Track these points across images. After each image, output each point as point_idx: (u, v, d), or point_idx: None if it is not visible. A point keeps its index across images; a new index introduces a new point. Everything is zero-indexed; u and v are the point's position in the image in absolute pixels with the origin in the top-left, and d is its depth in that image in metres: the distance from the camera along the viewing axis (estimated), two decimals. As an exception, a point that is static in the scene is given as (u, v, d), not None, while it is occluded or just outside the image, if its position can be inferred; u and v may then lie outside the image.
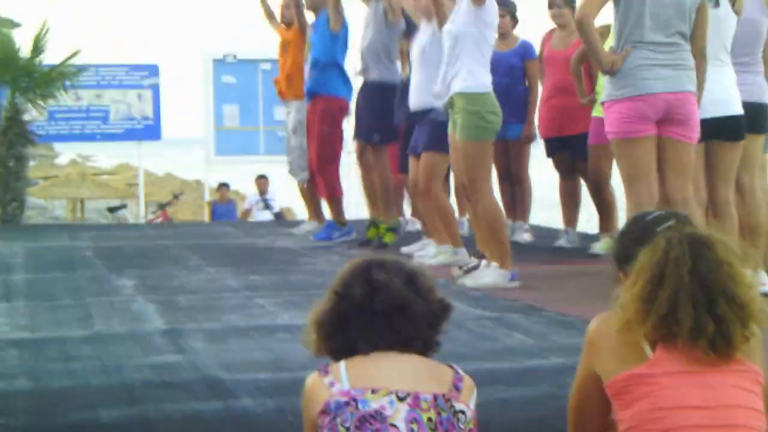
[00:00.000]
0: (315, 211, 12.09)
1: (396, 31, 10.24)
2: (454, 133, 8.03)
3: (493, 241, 7.97)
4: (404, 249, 9.75)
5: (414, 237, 10.51)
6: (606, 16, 8.31)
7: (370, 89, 10.38)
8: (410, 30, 9.66)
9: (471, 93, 7.92)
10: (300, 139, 11.79)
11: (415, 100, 9.11)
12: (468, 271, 8.11)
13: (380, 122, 10.22)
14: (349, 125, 11.06)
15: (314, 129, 11.09)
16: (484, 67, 7.99)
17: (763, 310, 2.98)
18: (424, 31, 9.04)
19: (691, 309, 2.92)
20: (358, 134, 10.59)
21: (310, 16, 11.40)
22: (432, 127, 8.81)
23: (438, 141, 8.61)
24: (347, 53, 11.18)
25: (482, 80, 7.96)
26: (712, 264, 2.96)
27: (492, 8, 7.99)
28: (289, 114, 12.02)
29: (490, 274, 7.89)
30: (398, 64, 10.47)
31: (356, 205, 13.29)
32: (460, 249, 9.06)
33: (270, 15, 12.24)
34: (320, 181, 11.26)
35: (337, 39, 11.01)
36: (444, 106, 8.18)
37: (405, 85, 9.42)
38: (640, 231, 3.39)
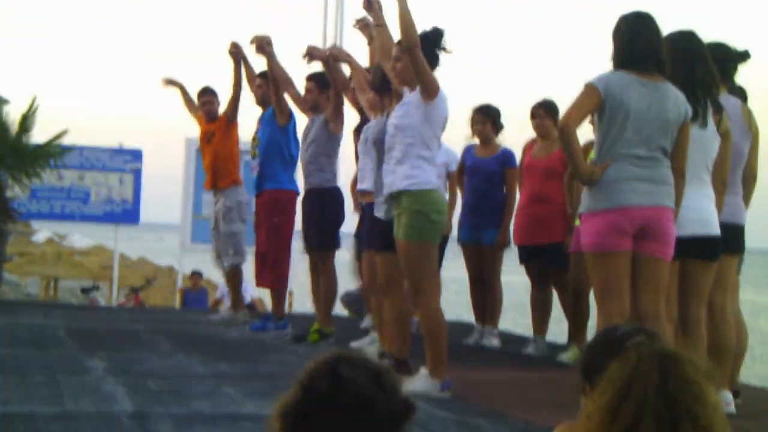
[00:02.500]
0: (236, 300, 12.30)
1: (337, 138, 10.40)
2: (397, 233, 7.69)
3: (431, 348, 7.63)
4: (353, 343, 9.77)
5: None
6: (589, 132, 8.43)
7: (314, 196, 10.45)
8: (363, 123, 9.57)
9: (417, 191, 7.50)
10: (230, 225, 12.03)
11: (364, 186, 8.97)
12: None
13: (324, 228, 10.35)
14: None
15: (264, 222, 11.16)
16: (431, 164, 7.60)
17: None
18: (375, 123, 8.74)
19: (653, 426, 2.94)
20: (306, 239, 10.66)
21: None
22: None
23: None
24: (296, 145, 11.21)
25: (428, 177, 7.55)
26: (680, 382, 2.91)
27: (442, 103, 7.58)
28: (218, 202, 12.18)
29: (419, 381, 7.50)
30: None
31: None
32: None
33: (190, 105, 12.44)
34: (267, 272, 11.29)
35: (284, 131, 11.13)
36: (386, 199, 7.83)
37: None
38: (609, 345, 3.39)
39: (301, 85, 10.81)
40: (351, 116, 10.36)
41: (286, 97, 10.98)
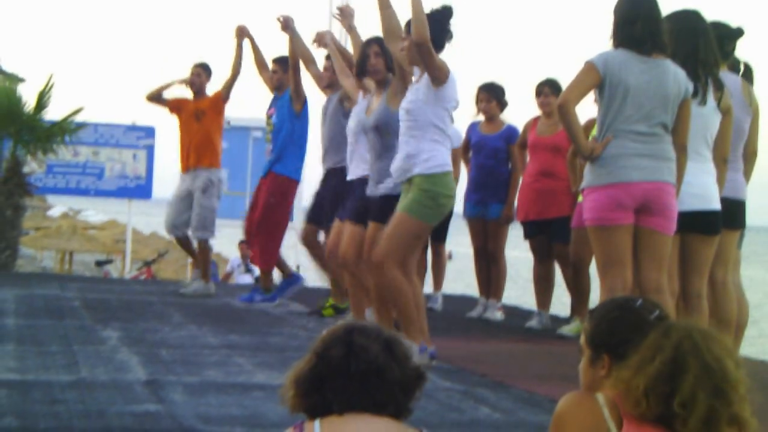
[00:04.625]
0: (205, 272, 12.21)
1: None
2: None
3: (400, 316, 7.47)
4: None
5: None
6: (592, 109, 8.38)
7: (332, 176, 10.16)
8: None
9: (431, 174, 7.38)
10: (211, 199, 11.97)
11: (353, 170, 8.93)
12: None
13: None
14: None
15: (261, 201, 11.12)
16: (444, 145, 7.50)
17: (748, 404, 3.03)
18: (360, 105, 8.72)
19: (705, 397, 2.95)
20: (315, 218, 10.43)
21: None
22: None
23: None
24: (308, 132, 11.20)
25: (442, 160, 7.44)
26: (719, 357, 3.00)
27: (452, 86, 7.48)
28: (197, 178, 11.99)
29: None
30: None
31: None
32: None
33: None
34: (257, 251, 11.30)
35: (300, 118, 11.07)
36: (399, 184, 7.68)
37: None
38: (630, 317, 3.35)
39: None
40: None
41: (307, 76, 10.88)
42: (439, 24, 7.49)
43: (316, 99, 11.05)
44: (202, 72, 12.16)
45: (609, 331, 3.38)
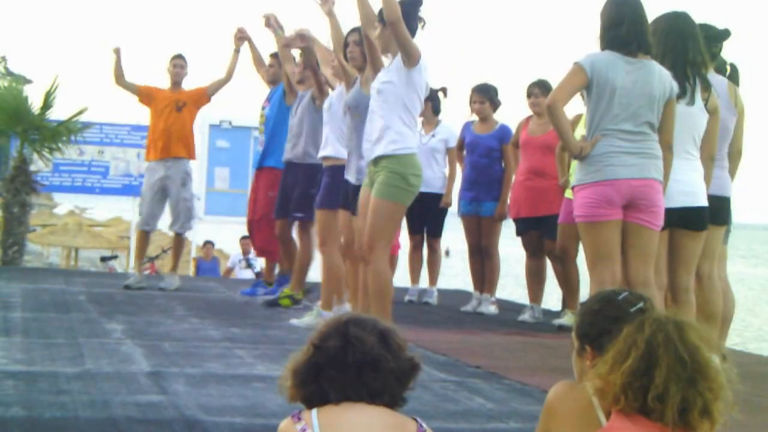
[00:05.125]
0: (176, 264, 12.21)
1: (321, 114, 10.26)
2: (369, 191, 7.67)
3: (376, 306, 7.53)
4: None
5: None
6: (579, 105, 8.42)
7: (298, 169, 10.26)
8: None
9: (398, 155, 7.51)
10: (189, 191, 11.89)
11: (323, 154, 9.17)
12: None
13: (307, 200, 10.04)
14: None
15: (261, 195, 11.16)
16: (412, 129, 7.62)
17: (728, 395, 2.99)
18: (334, 91, 9.03)
19: (676, 387, 2.93)
20: (281, 213, 10.58)
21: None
22: (328, 184, 8.90)
23: (331, 198, 8.77)
24: None
25: (409, 142, 7.56)
26: (691, 347, 2.97)
27: (422, 69, 7.60)
28: (171, 168, 11.79)
29: None
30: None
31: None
32: (327, 312, 8.80)
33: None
34: (259, 244, 11.34)
35: (289, 110, 11.02)
36: (366, 165, 7.81)
37: None
38: (612, 309, 3.37)
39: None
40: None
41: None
42: (411, 11, 7.63)
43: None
44: (185, 64, 12.01)
45: (591, 322, 3.40)
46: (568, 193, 9.53)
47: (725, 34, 7.63)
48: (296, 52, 10.40)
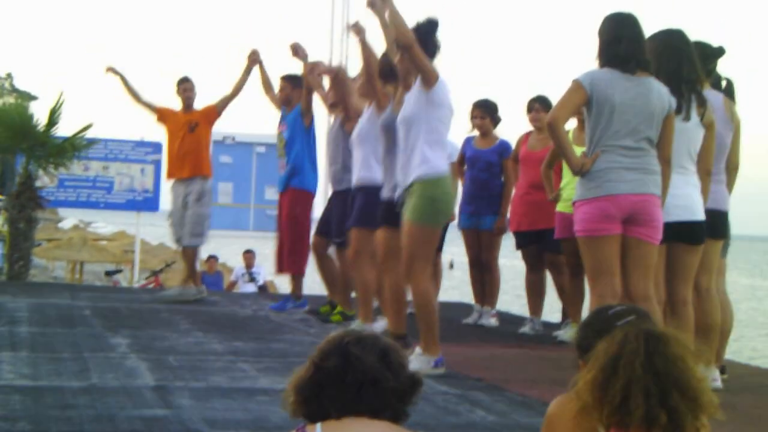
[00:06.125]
0: (194, 277, 12.33)
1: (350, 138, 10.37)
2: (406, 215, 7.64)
3: (422, 327, 7.50)
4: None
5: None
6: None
7: (341, 196, 10.31)
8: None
9: (427, 179, 7.45)
10: (204, 207, 12.09)
11: (356, 176, 9.28)
12: None
13: (343, 226, 9.98)
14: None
15: (286, 214, 11.20)
16: (439, 150, 7.55)
17: (713, 402, 2.94)
18: (364, 114, 9.17)
19: (643, 400, 2.88)
20: (324, 232, 10.73)
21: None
22: (363, 204, 8.96)
23: (366, 217, 8.84)
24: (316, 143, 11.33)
25: (437, 164, 7.49)
26: (667, 358, 2.93)
27: (442, 88, 7.54)
28: (190, 186, 12.07)
29: (413, 359, 7.27)
30: None
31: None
32: (368, 324, 8.97)
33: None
34: (286, 261, 11.32)
35: (309, 132, 11.16)
36: (402, 194, 7.72)
37: None
38: (600, 323, 3.38)
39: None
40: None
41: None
42: (427, 34, 7.59)
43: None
44: (192, 86, 12.32)
45: (583, 336, 3.43)
46: (560, 207, 9.57)
47: (720, 51, 7.63)
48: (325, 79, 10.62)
